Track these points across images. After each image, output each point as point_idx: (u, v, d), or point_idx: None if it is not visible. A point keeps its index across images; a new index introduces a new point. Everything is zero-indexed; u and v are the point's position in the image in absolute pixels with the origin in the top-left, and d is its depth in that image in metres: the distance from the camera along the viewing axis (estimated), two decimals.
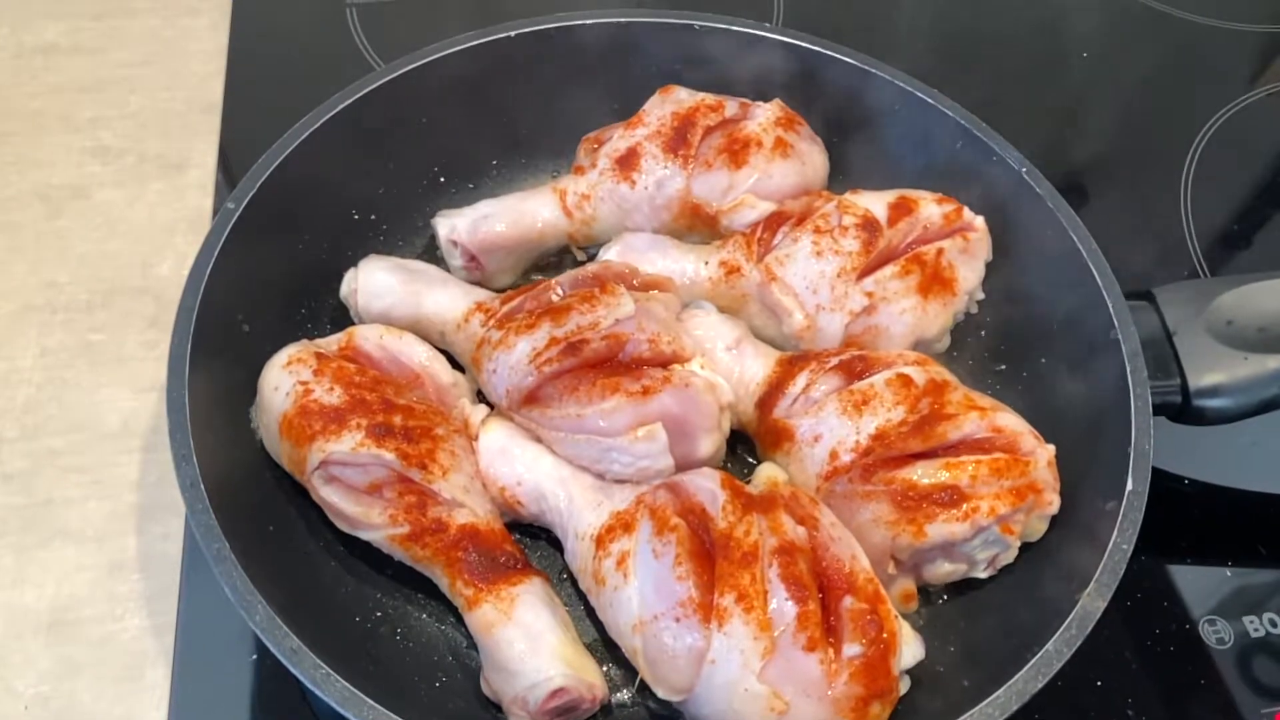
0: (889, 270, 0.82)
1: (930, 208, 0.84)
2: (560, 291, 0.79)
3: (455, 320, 0.82)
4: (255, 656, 0.75)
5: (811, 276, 0.82)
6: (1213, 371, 0.78)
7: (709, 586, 0.65)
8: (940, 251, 0.83)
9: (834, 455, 0.74)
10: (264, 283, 0.82)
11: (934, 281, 0.82)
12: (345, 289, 0.84)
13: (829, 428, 0.74)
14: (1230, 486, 0.88)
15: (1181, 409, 0.79)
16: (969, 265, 0.84)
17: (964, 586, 0.76)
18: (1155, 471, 0.71)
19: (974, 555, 0.73)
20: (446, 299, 0.83)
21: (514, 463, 0.75)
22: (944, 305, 0.83)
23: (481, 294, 0.84)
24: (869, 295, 0.81)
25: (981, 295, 0.87)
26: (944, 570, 0.74)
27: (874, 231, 0.82)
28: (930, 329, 0.83)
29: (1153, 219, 1.07)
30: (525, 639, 0.67)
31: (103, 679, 0.76)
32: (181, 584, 0.79)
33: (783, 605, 0.63)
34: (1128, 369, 0.76)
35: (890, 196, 0.85)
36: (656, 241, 0.86)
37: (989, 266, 0.86)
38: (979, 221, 0.86)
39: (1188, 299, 0.82)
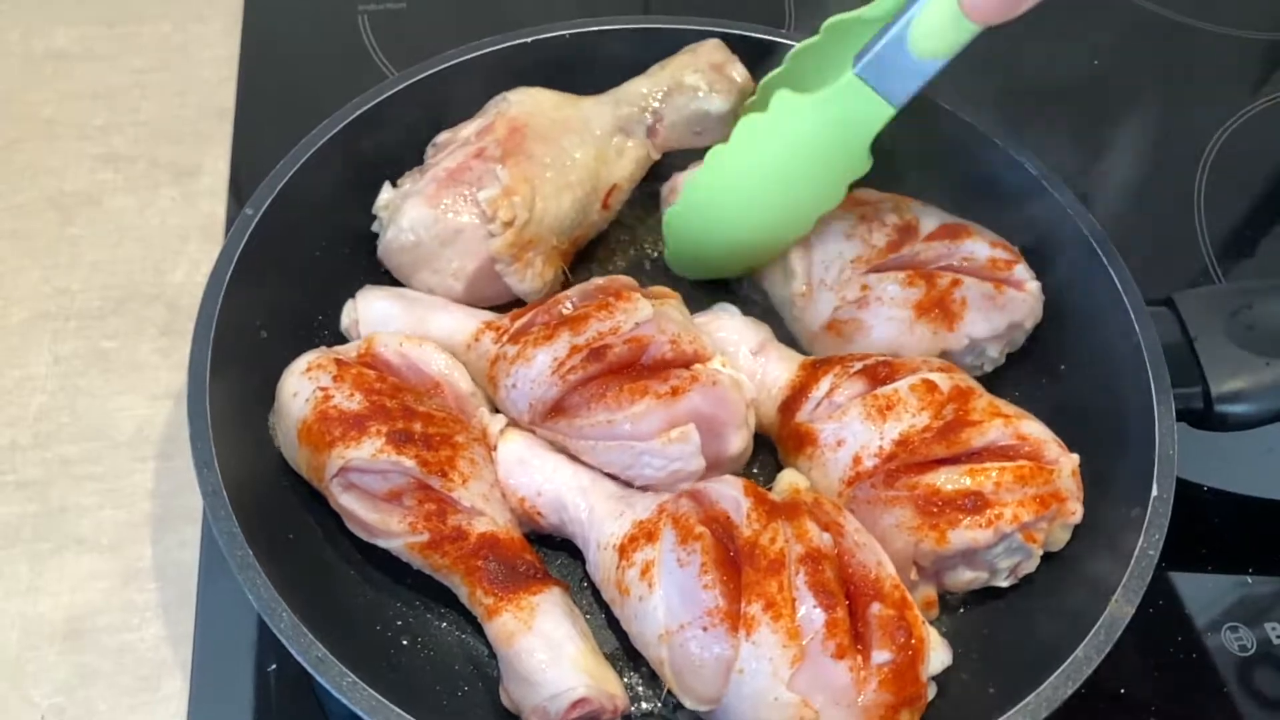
0: (895, 275, 0.82)
1: (979, 245, 0.83)
2: (571, 304, 0.79)
3: (464, 341, 0.81)
4: (274, 666, 0.74)
5: (830, 254, 0.83)
6: (1234, 377, 0.78)
7: (736, 595, 0.64)
8: (956, 283, 0.81)
9: (857, 460, 0.73)
10: (281, 289, 0.81)
11: (935, 306, 0.81)
12: (345, 320, 0.83)
13: (852, 432, 0.74)
14: (1250, 495, 0.88)
15: (1203, 415, 0.79)
16: (984, 314, 0.81)
17: (986, 595, 0.76)
18: (1175, 479, 0.71)
19: (996, 563, 0.73)
20: (452, 321, 0.82)
21: (533, 473, 0.75)
22: (934, 333, 0.81)
23: (487, 314, 0.83)
24: (864, 288, 0.81)
25: (998, 358, 0.85)
26: (966, 578, 0.74)
27: (906, 235, 0.82)
28: (907, 347, 0.81)
29: (1166, 226, 1.07)
30: (546, 649, 0.67)
31: (120, 689, 0.75)
32: (198, 593, 0.78)
33: (811, 613, 0.63)
34: (1150, 374, 0.75)
35: (950, 219, 0.85)
36: None
37: None
38: (1031, 286, 0.83)
39: (1207, 305, 0.81)
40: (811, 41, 0.82)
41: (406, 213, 0.83)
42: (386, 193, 0.86)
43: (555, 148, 0.86)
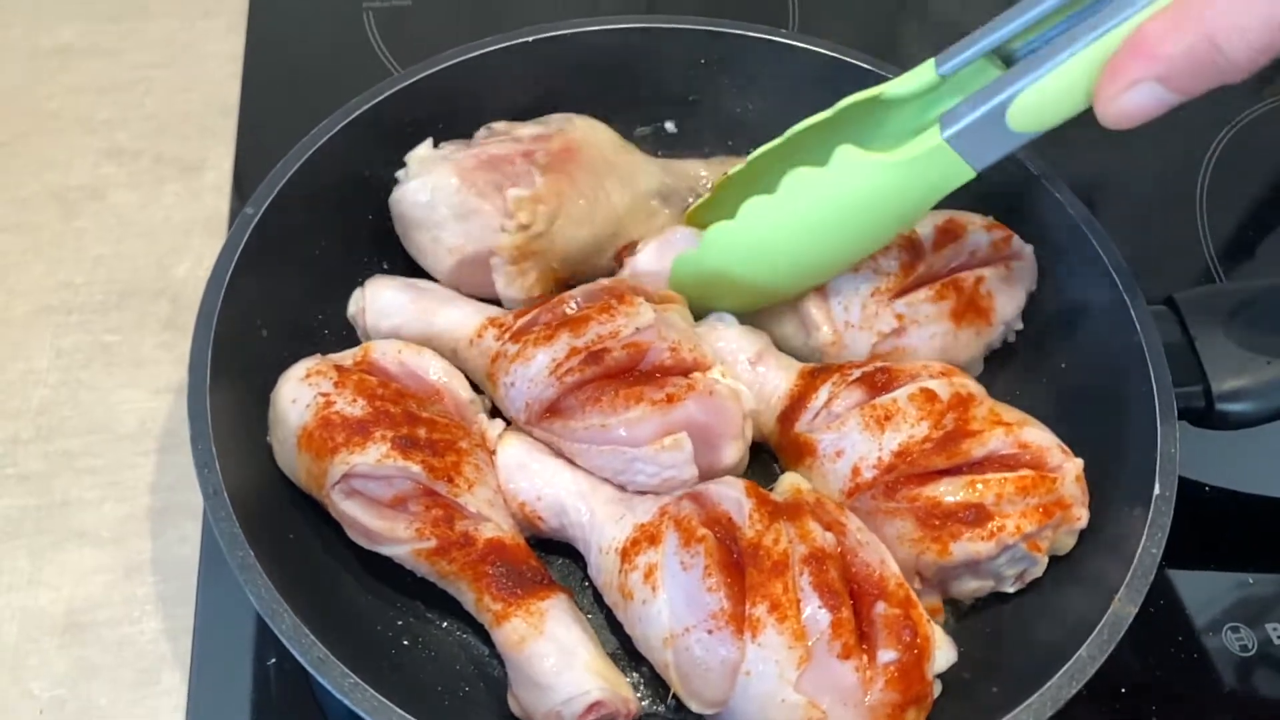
0: (922, 293, 0.81)
1: (979, 234, 0.83)
2: (576, 304, 0.78)
3: (468, 336, 0.80)
4: (274, 660, 0.74)
5: (846, 293, 0.81)
6: (1235, 376, 0.78)
7: (740, 597, 0.64)
8: (980, 280, 0.82)
9: (856, 471, 0.73)
10: (282, 288, 0.81)
11: (969, 309, 0.81)
12: (353, 308, 0.83)
13: (851, 443, 0.74)
14: (1252, 493, 0.88)
15: (1204, 413, 0.78)
16: (1008, 295, 0.83)
17: (987, 596, 0.75)
18: (1177, 478, 0.71)
19: (1001, 572, 0.72)
20: (458, 315, 0.82)
21: (533, 477, 0.74)
22: (977, 334, 0.82)
23: (493, 310, 0.83)
24: (899, 317, 0.80)
25: (1020, 326, 0.86)
26: (971, 587, 0.73)
27: (916, 254, 0.81)
28: (960, 356, 0.82)
29: (1168, 226, 1.07)
30: (558, 653, 0.66)
31: (119, 682, 0.75)
32: (198, 588, 0.78)
33: (816, 613, 0.62)
34: (1151, 373, 0.75)
35: (939, 218, 0.84)
36: (697, 237, 0.84)
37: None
38: (1027, 251, 0.84)
39: (1208, 304, 0.81)
40: (821, 118, 0.79)
41: (436, 172, 0.83)
42: (425, 149, 0.86)
43: (596, 183, 0.87)
